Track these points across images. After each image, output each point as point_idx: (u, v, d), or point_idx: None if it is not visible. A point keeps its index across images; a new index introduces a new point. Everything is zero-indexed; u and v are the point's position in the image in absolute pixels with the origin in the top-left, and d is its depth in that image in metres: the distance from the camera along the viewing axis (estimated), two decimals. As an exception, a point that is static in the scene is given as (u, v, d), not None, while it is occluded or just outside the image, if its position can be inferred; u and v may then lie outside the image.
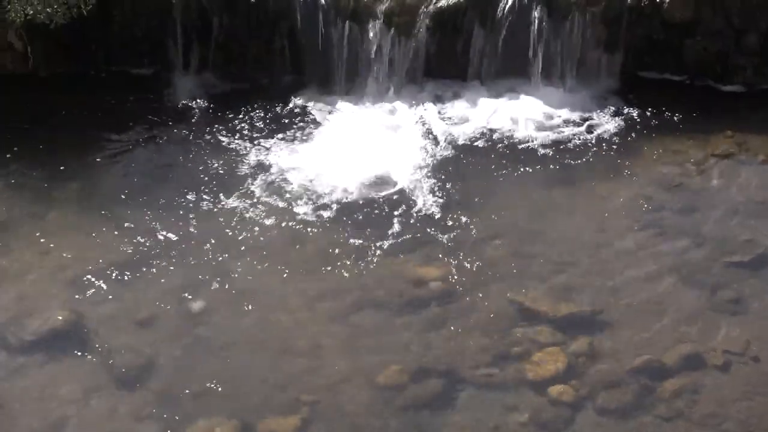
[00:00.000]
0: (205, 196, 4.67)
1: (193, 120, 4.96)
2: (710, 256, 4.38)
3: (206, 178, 4.75)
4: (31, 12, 4.70)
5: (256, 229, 4.54)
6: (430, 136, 4.88)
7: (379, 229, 4.50)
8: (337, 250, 4.42)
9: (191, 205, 4.64)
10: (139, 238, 4.47)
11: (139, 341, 4.16)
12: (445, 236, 4.47)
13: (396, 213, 4.57)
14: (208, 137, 4.93)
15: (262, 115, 4.94)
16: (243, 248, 4.49)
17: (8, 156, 4.92)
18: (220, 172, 4.76)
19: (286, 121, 4.92)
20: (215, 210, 4.64)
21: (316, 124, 4.89)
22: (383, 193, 4.65)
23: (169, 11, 4.87)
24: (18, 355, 4.11)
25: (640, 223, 4.59)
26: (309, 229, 4.52)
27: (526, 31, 4.88)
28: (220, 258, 4.40)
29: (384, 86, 4.96)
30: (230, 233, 4.52)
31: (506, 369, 4.01)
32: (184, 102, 4.96)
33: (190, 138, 4.96)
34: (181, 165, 4.82)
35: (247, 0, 4.90)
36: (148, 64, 5.01)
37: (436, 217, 4.57)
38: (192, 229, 4.53)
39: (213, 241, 4.45)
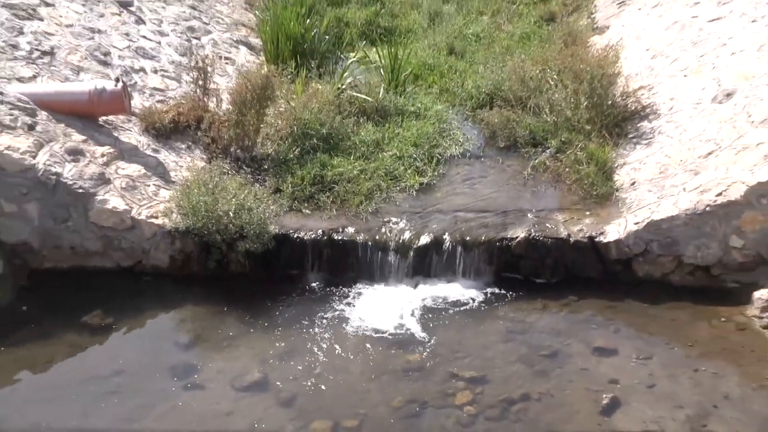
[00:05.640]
0: (312, 326, 4.97)
1: (313, 294, 5.32)
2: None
3: (315, 316, 5.05)
4: (248, 247, 5.17)
5: (334, 339, 4.83)
6: (412, 300, 5.26)
7: (390, 341, 4.86)
8: (371, 352, 4.74)
9: (305, 330, 4.93)
10: (281, 345, 4.77)
11: (291, 385, 4.42)
12: (420, 344, 4.85)
13: (397, 334, 4.92)
14: (318, 300, 5.27)
15: (342, 291, 5.31)
16: (331, 349, 4.76)
17: (235, 303, 5.14)
18: (321, 315, 5.07)
19: (353, 293, 5.30)
20: (317, 332, 4.93)
21: (365, 295, 5.28)
22: (393, 327, 4.99)
23: (304, 248, 5.33)
24: (239, 393, 4.34)
25: (503, 339, 4.85)
26: (359, 344, 4.82)
27: (454, 255, 5.31)
28: (321, 354, 4.70)
29: (395, 279, 5.37)
30: (322, 343, 4.80)
31: (446, 400, 4.34)
32: (310, 285, 5.35)
33: (311, 300, 5.29)
34: (305, 312, 5.11)
35: (338, 244, 5.36)
36: (296, 269, 5.31)
37: (415, 335, 4.93)
38: (305, 343, 4.82)
39: (318, 346, 4.77)
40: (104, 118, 5.54)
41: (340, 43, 8.56)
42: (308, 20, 8.06)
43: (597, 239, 5.13)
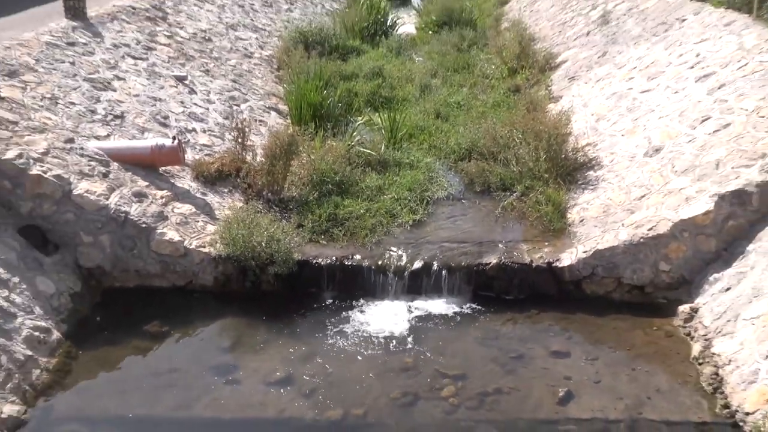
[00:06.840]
0: (327, 333, 5.04)
1: (328, 308, 5.36)
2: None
3: (330, 326, 5.14)
4: (276, 270, 5.27)
5: (344, 344, 4.91)
6: (407, 313, 5.31)
7: (389, 346, 4.91)
8: (374, 355, 4.81)
9: (322, 337, 5.00)
10: (303, 349, 4.85)
11: (310, 381, 4.52)
12: (413, 348, 4.92)
13: (395, 340, 4.98)
14: (332, 313, 5.32)
15: (351, 305, 5.36)
16: (342, 352, 4.84)
17: (266, 315, 5.18)
18: (334, 325, 5.15)
19: (359, 308, 5.36)
20: (331, 338, 5.00)
21: (368, 309, 5.34)
22: (391, 334, 5.05)
23: (321, 271, 5.39)
24: (268, 387, 4.45)
25: (479, 344, 4.85)
26: (364, 348, 4.90)
27: (440, 277, 5.30)
28: (334, 356, 4.79)
29: (393, 296, 5.40)
30: (335, 347, 4.88)
31: (434, 393, 4.44)
32: (326, 301, 5.38)
33: (326, 313, 5.34)
34: (322, 323, 5.17)
35: (347, 267, 5.43)
36: (315, 288, 5.37)
37: (409, 341, 5.00)
38: (322, 347, 4.89)
39: (331, 349, 4.86)
40: (163, 168, 5.78)
41: (350, 109, 8.93)
42: (325, 91, 8.44)
43: (554, 264, 5.19)
